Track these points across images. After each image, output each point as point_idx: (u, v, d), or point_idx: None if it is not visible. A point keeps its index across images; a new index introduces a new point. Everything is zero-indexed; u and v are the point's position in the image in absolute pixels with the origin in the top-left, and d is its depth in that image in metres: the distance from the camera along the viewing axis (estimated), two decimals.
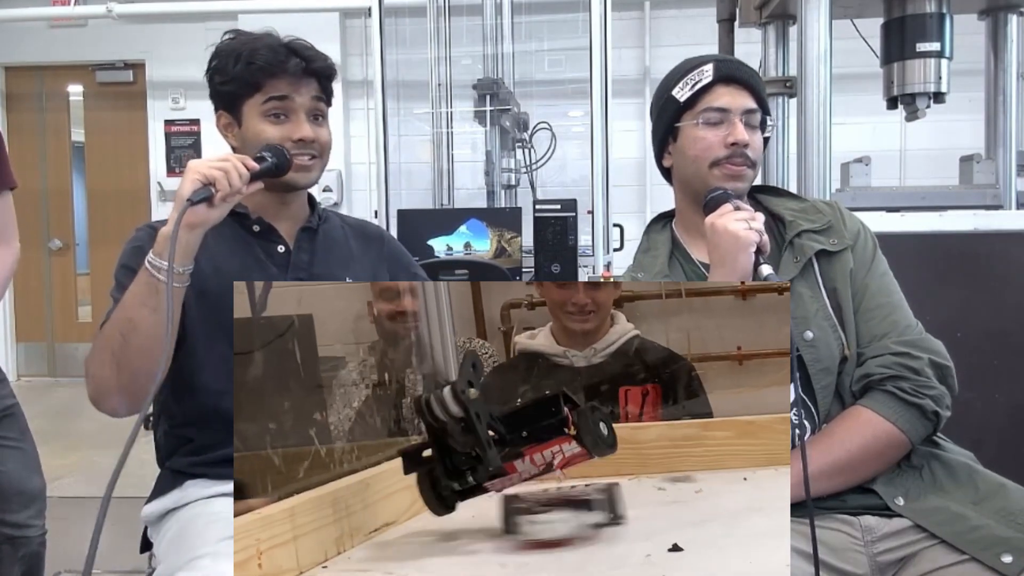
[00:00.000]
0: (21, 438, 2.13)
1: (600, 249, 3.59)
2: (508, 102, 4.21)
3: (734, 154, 1.47)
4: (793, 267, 1.47)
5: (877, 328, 1.44)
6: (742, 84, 1.49)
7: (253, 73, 1.52)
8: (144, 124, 6.79)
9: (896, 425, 1.37)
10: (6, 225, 2.15)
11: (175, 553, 1.37)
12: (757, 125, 1.50)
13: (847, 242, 1.49)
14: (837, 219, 1.53)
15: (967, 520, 1.30)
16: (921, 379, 1.39)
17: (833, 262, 1.48)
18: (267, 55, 1.51)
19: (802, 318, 1.44)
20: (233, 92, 1.55)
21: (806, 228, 1.50)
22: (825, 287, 1.47)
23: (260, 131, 1.53)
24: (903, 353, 1.40)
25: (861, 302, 1.46)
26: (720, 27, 3.61)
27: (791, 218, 1.52)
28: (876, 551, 1.35)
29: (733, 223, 1.36)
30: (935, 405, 1.38)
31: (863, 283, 1.47)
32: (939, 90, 2.58)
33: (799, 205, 1.56)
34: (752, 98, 1.50)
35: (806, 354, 1.43)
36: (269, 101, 1.53)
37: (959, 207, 2.58)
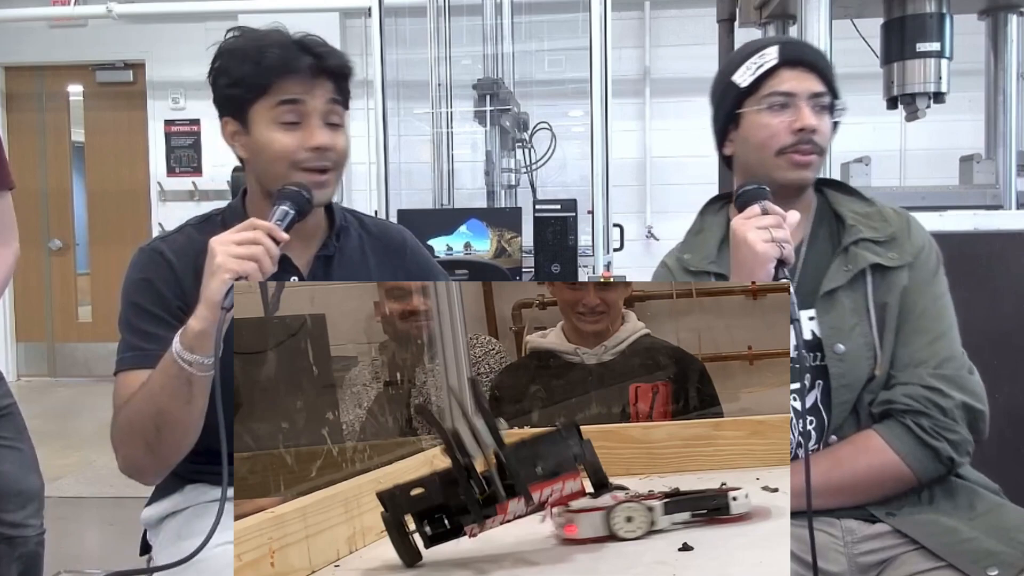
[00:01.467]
0: (18, 437, 2.13)
1: (600, 249, 3.60)
2: (508, 102, 4.21)
3: (801, 141, 1.38)
4: (842, 275, 1.39)
5: (916, 354, 1.37)
6: (808, 66, 1.41)
7: (262, 73, 1.35)
8: (144, 124, 6.79)
9: (905, 461, 1.32)
10: (6, 225, 2.15)
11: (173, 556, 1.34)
12: (826, 108, 1.41)
13: (907, 259, 1.40)
14: (903, 231, 1.43)
15: (956, 532, 1.28)
16: (945, 420, 1.32)
17: (888, 277, 1.39)
18: (276, 53, 1.35)
19: (837, 329, 1.38)
20: (240, 96, 1.38)
21: (866, 237, 1.41)
22: (874, 302, 1.38)
23: (271, 140, 1.37)
24: (935, 388, 1.33)
25: (906, 322, 1.38)
26: (720, 27, 3.61)
27: (852, 222, 1.43)
28: (856, 552, 1.34)
29: (753, 232, 1.28)
30: (952, 451, 1.32)
31: (913, 303, 1.39)
32: (939, 90, 2.58)
33: (865, 209, 1.47)
34: (820, 81, 1.41)
35: (833, 367, 1.38)
36: (280, 105, 1.36)
37: (959, 207, 2.58)
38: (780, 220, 1.29)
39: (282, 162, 1.38)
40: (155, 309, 1.38)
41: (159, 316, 1.38)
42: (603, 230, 3.63)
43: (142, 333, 1.37)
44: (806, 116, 1.38)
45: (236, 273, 1.20)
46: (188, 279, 1.39)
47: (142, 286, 1.40)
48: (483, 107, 4.15)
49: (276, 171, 1.38)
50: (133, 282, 1.41)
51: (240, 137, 1.42)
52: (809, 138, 1.39)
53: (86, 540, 3.73)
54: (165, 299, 1.38)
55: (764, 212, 1.31)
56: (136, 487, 1.43)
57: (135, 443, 1.31)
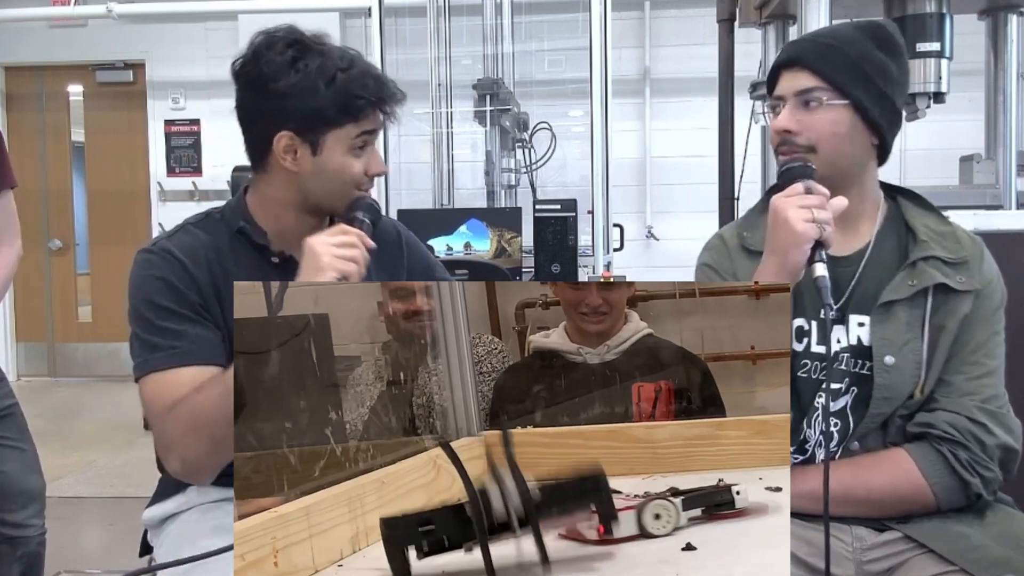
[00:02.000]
0: (20, 438, 2.14)
1: (600, 249, 3.61)
2: (508, 102, 4.22)
3: (783, 141, 1.37)
4: (906, 289, 1.36)
5: (964, 385, 1.33)
6: (800, 64, 1.37)
7: (356, 105, 1.36)
8: (144, 124, 6.79)
9: (932, 488, 1.30)
10: (8, 225, 2.15)
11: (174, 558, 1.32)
12: (818, 104, 1.35)
13: (975, 286, 1.36)
14: (976, 258, 1.39)
15: (968, 539, 1.27)
16: (983, 456, 1.30)
17: (952, 300, 1.35)
18: (367, 87, 1.37)
19: (890, 342, 1.35)
20: (323, 117, 1.37)
21: (937, 255, 1.37)
22: (931, 322, 1.35)
23: (347, 165, 1.39)
24: (980, 424, 1.31)
25: (960, 352, 1.35)
26: (720, 27, 3.62)
27: (925, 238, 1.39)
28: (865, 559, 1.33)
29: (794, 211, 1.24)
30: (982, 487, 1.31)
31: (971, 333, 1.35)
32: (939, 90, 2.58)
33: (941, 228, 1.42)
34: (813, 76, 1.35)
35: (879, 378, 1.35)
36: (362, 136, 1.39)
37: (959, 207, 2.58)
38: (824, 201, 1.26)
39: (349, 186, 1.42)
40: (177, 307, 1.37)
41: (182, 314, 1.37)
42: (603, 230, 3.64)
43: (169, 332, 1.36)
44: (781, 119, 1.37)
45: (341, 273, 1.27)
46: (202, 276, 1.39)
47: (160, 286, 1.38)
48: (483, 107, 4.15)
49: (340, 192, 1.42)
50: (149, 282, 1.39)
51: (297, 152, 1.39)
52: (787, 139, 1.36)
53: (86, 540, 3.73)
54: (186, 296, 1.38)
55: (808, 191, 1.27)
56: (136, 487, 1.43)
57: (200, 443, 1.31)
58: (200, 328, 1.37)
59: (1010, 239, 2.29)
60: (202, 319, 1.38)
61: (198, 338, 1.35)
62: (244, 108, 1.42)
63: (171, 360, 1.35)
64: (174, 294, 1.37)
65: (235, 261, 1.41)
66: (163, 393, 1.34)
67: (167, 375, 1.34)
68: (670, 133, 6.18)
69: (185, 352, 1.34)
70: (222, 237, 1.45)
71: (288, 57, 1.36)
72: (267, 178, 1.45)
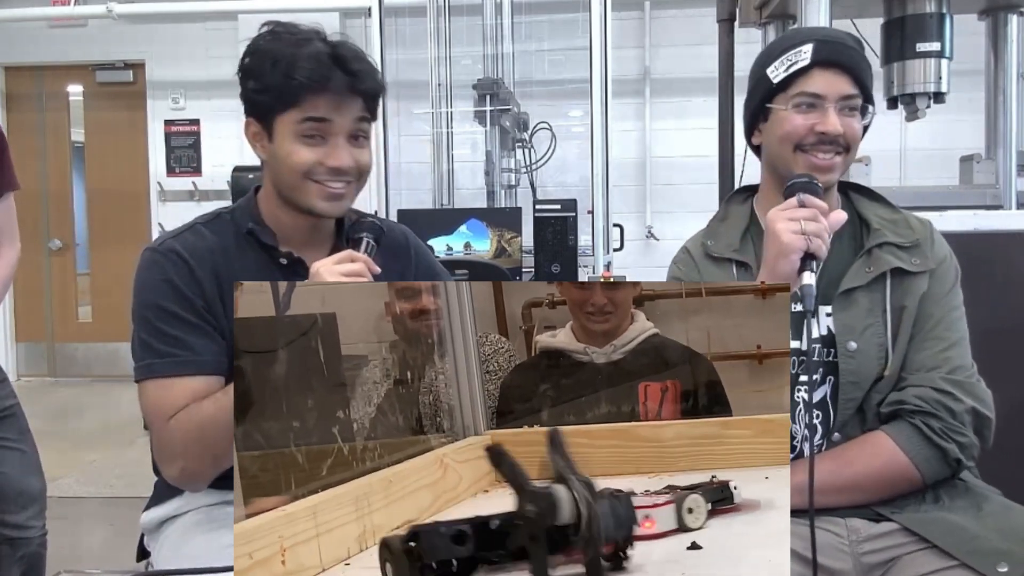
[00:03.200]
0: (21, 439, 2.14)
1: (600, 249, 3.62)
2: (508, 102, 4.23)
3: (821, 141, 1.39)
4: (863, 276, 1.42)
5: (929, 360, 1.39)
6: (842, 68, 1.40)
7: (292, 88, 1.32)
8: (144, 124, 6.78)
9: (913, 461, 1.34)
10: (8, 226, 2.15)
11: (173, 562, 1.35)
12: (856, 110, 1.41)
13: (929, 266, 1.43)
14: (927, 240, 1.46)
15: (965, 531, 1.29)
16: (954, 423, 1.35)
17: (908, 282, 1.42)
18: (308, 69, 1.31)
19: (851, 327, 1.40)
20: (267, 103, 1.35)
21: (890, 241, 1.43)
22: (891, 305, 1.41)
23: (292, 152, 1.35)
24: (946, 392, 1.36)
25: (921, 330, 1.40)
26: (720, 27, 3.62)
27: (878, 226, 1.45)
28: (861, 551, 1.34)
29: (783, 223, 1.28)
30: (959, 452, 1.34)
31: (930, 310, 1.41)
32: (939, 90, 2.59)
33: (891, 215, 1.49)
34: (852, 83, 1.40)
35: (843, 363, 1.40)
36: (306, 121, 1.34)
37: (959, 207, 2.59)
38: (816, 214, 1.28)
39: (297, 175, 1.37)
40: (181, 312, 1.36)
41: (186, 319, 1.36)
42: (603, 230, 3.65)
43: (173, 339, 1.35)
44: (831, 121, 1.38)
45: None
46: (207, 279, 1.38)
47: (164, 288, 1.36)
48: (483, 107, 4.17)
49: (291, 182, 1.38)
50: (153, 284, 1.38)
51: (261, 140, 1.40)
52: (833, 139, 1.39)
53: (86, 540, 3.73)
54: (189, 300, 1.37)
55: (801, 205, 1.30)
56: (136, 487, 1.43)
57: (203, 454, 1.32)
58: (203, 337, 1.36)
59: (1010, 239, 2.30)
60: (205, 324, 1.37)
61: (201, 348, 1.35)
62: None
63: (173, 368, 1.34)
64: (178, 297, 1.36)
65: (242, 263, 1.41)
66: (163, 401, 1.34)
67: (167, 383, 1.34)
68: (670, 133, 6.18)
69: (187, 362, 1.34)
70: (230, 238, 1.44)
71: (255, 44, 1.37)
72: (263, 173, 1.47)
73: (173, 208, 6.62)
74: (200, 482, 1.38)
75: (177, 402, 1.33)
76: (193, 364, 1.34)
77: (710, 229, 1.58)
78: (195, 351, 1.35)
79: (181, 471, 1.35)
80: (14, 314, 6.95)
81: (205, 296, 1.38)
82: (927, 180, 5.14)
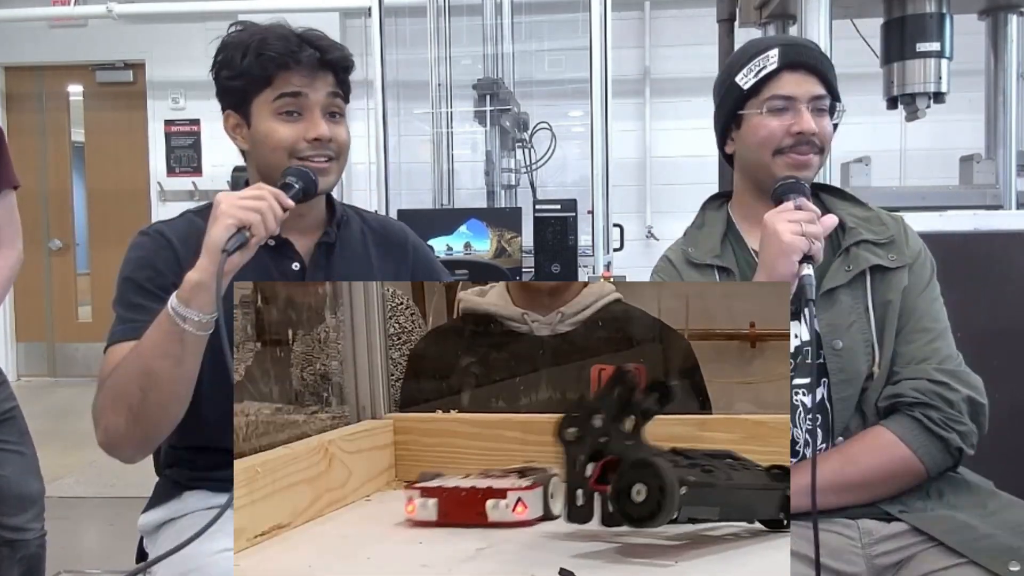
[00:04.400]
0: (20, 441, 2.13)
1: (600, 249, 3.60)
2: (508, 102, 4.22)
3: (799, 142, 1.41)
4: (843, 275, 1.43)
5: (918, 352, 1.40)
6: (809, 69, 1.43)
7: (263, 65, 1.37)
8: (144, 124, 6.79)
9: (916, 454, 1.34)
10: (9, 226, 2.15)
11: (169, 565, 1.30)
12: (825, 110, 1.44)
13: (906, 260, 1.45)
14: (900, 235, 1.48)
15: (974, 529, 1.29)
16: (953, 412, 1.35)
17: (888, 278, 1.43)
18: (278, 45, 1.37)
19: (836, 326, 1.41)
20: (241, 88, 1.40)
21: (866, 239, 1.45)
22: (873, 301, 1.42)
23: (271, 130, 1.40)
24: (942, 383, 1.37)
25: (907, 323, 1.42)
26: (720, 27, 3.62)
27: (852, 225, 1.47)
28: (874, 553, 1.34)
29: (783, 224, 1.30)
30: (961, 441, 1.35)
31: (913, 304, 1.43)
32: (939, 90, 2.59)
33: (864, 213, 1.50)
34: (820, 83, 1.43)
35: (831, 363, 1.41)
36: (281, 98, 1.39)
37: (959, 207, 2.59)
38: (814, 217, 1.31)
39: (281, 152, 1.40)
40: (150, 285, 1.37)
41: (153, 292, 1.36)
42: (603, 230, 3.63)
43: (136, 307, 1.35)
44: (805, 120, 1.41)
45: (240, 221, 1.22)
46: (188, 259, 1.36)
47: (140, 263, 1.40)
48: (483, 107, 4.16)
49: (276, 161, 1.41)
50: (130, 260, 1.41)
51: (241, 129, 1.45)
52: (808, 139, 1.41)
53: (86, 540, 3.73)
54: (163, 276, 1.37)
55: (798, 208, 1.32)
56: (136, 487, 1.41)
57: (119, 410, 1.28)
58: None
59: (1010, 239, 2.29)
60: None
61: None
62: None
63: (128, 333, 1.33)
64: (151, 273, 1.37)
65: None
66: (108, 364, 1.33)
67: (121, 347, 1.33)
68: (670, 133, 6.18)
69: (142, 325, 1.30)
70: None
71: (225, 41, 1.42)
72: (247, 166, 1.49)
73: (173, 208, 6.57)
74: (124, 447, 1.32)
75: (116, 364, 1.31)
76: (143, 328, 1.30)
77: (689, 237, 1.58)
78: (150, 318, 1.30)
79: (104, 431, 1.30)
80: (14, 314, 6.95)
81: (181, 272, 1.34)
82: (927, 180, 5.13)
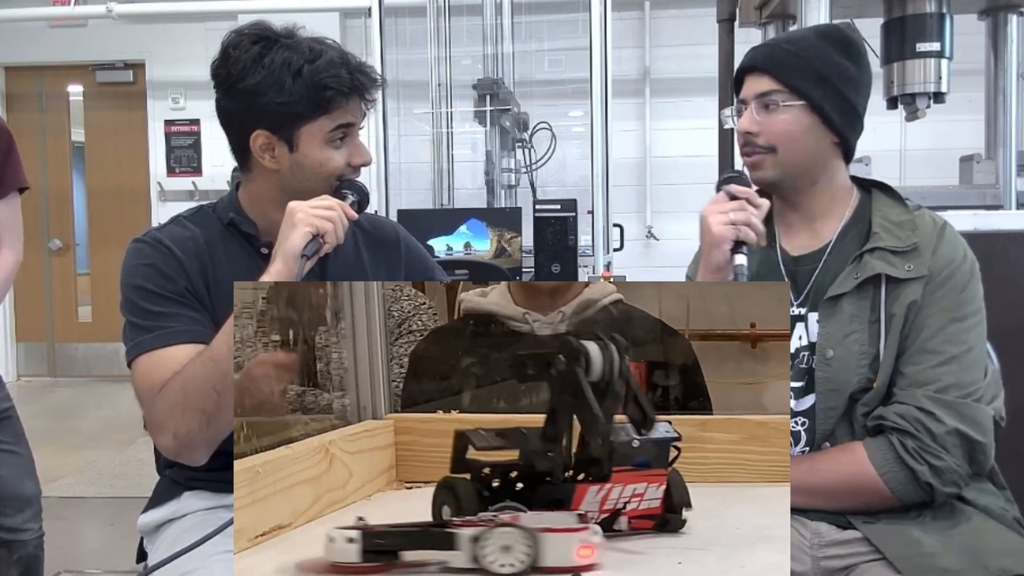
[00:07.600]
0: (17, 442, 2.14)
1: (600, 249, 3.60)
2: (508, 102, 4.22)
3: (744, 143, 1.43)
4: (850, 282, 1.37)
5: (919, 375, 1.32)
6: (759, 69, 1.43)
7: (325, 98, 1.35)
8: (144, 124, 6.79)
9: (883, 478, 1.30)
10: (11, 228, 2.15)
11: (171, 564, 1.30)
12: (777, 105, 1.39)
13: (922, 272, 1.34)
14: (929, 243, 1.37)
15: (919, 546, 1.27)
16: (932, 445, 1.28)
17: (899, 289, 1.35)
18: (337, 77, 1.35)
19: (831, 335, 1.37)
20: (292, 113, 1.36)
21: (883, 246, 1.36)
22: (886, 313, 1.35)
23: (326, 159, 1.39)
24: (928, 412, 1.29)
25: (914, 340, 1.34)
26: (720, 27, 3.61)
27: (877, 230, 1.39)
28: (821, 555, 1.34)
29: (713, 216, 1.34)
30: (931, 476, 1.29)
31: (923, 320, 1.34)
32: (939, 90, 2.58)
33: (899, 218, 1.41)
34: (771, 80, 1.40)
35: (820, 371, 1.37)
36: (338, 128, 1.38)
37: (959, 207, 2.59)
38: (743, 204, 1.35)
39: (330, 180, 1.41)
40: (165, 292, 1.38)
41: (169, 297, 1.37)
42: (603, 230, 3.63)
43: (157, 314, 1.36)
44: (744, 120, 1.42)
45: (316, 228, 1.28)
46: (189, 263, 1.41)
47: (147, 271, 1.39)
48: (483, 107, 4.16)
49: (319, 187, 1.40)
50: (136, 269, 1.40)
51: (275, 150, 1.40)
52: (749, 140, 1.42)
53: (86, 540, 3.73)
54: (173, 281, 1.39)
55: (732, 197, 1.36)
56: (136, 487, 1.41)
57: (190, 416, 1.29)
58: (188, 310, 1.37)
59: (1010, 239, 2.29)
60: (190, 300, 1.38)
61: (187, 320, 1.36)
62: (220, 109, 1.42)
63: (160, 340, 1.35)
64: (161, 278, 1.38)
65: (225, 251, 1.43)
66: (153, 372, 1.33)
67: (156, 355, 1.34)
68: (670, 133, 6.18)
69: (174, 332, 1.35)
70: (213, 229, 1.47)
71: (254, 54, 1.35)
72: (252, 176, 1.46)
73: (173, 208, 6.55)
74: (196, 450, 1.34)
75: (165, 373, 1.32)
76: (178, 335, 1.35)
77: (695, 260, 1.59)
78: (180, 323, 1.35)
79: (173, 437, 1.32)
80: (14, 314, 6.95)
81: (188, 277, 1.39)
82: (927, 180, 5.13)
